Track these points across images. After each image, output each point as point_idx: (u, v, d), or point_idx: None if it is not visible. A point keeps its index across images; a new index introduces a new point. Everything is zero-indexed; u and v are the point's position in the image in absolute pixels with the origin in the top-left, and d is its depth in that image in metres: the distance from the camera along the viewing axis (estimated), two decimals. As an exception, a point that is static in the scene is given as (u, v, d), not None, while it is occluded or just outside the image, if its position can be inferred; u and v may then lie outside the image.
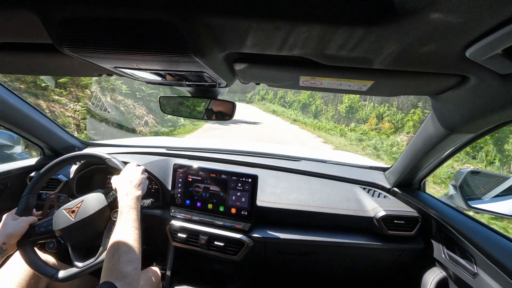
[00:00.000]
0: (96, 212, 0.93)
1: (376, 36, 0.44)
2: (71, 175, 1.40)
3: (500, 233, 0.96)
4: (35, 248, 0.94)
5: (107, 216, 0.96)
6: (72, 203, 0.96)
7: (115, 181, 0.94)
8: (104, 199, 0.97)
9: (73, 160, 1.08)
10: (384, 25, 0.41)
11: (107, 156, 1.04)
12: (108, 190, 1.01)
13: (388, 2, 0.37)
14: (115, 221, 0.94)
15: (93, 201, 0.96)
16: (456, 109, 0.77)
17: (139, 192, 0.90)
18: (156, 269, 1.20)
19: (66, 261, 0.94)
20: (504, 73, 0.52)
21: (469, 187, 1.20)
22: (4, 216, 0.94)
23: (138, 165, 1.03)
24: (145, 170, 1.34)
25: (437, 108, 0.86)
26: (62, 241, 0.94)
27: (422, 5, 0.35)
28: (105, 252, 0.86)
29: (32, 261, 0.90)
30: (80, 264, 0.89)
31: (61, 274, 0.88)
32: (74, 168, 1.45)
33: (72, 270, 0.89)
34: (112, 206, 0.97)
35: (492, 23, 0.37)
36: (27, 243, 0.92)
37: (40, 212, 1.02)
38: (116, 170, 1.01)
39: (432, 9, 0.36)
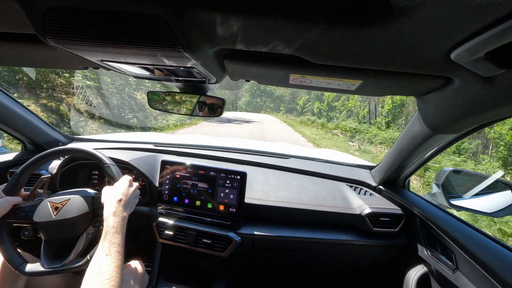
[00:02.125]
0: (79, 216, 0.90)
1: (365, 37, 0.45)
2: (55, 171, 1.36)
3: (478, 230, 1.00)
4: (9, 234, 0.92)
5: (88, 222, 0.93)
6: (58, 198, 0.93)
7: (105, 194, 0.90)
8: (91, 204, 0.94)
9: (72, 153, 1.06)
10: (373, 26, 0.41)
11: (108, 162, 1.00)
12: (97, 194, 0.97)
13: (377, 4, 0.37)
14: (95, 230, 0.93)
15: (79, 203, 0.93)
16: (440, 110, 0.79)
17: (125, 213, 0.86)
18: (138, 262, 1.18)
19: (38, 255, 0.91)
20: (486, 75, 0.54)
21: (451, 186, 1.24)
22: None
23: (133, 180, 1.00)
24: (133, 170, 1.32)
25: (422, 109, 0.88)
26: (38, 232, 0.92)
27: (411, 8, 0.36)
28: (76, 262, 0.87)
29: (4, 245, 0.88)
30: (46, 264, 0.87)
31: (27, 268, 0.86)
32: (56, 163, 1.41)
33: (38, 268, 0.86)
34: (96, 213, 0.94)
35: (476, 26, 0.39)
36: (3, 224, 0.91)
37: (28, 193, 1.01)
38: (111, 178, 0.98)
39: (420, 12, 0.37)
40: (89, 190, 1.00)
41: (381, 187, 1.43)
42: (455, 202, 1.16)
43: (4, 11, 0.50)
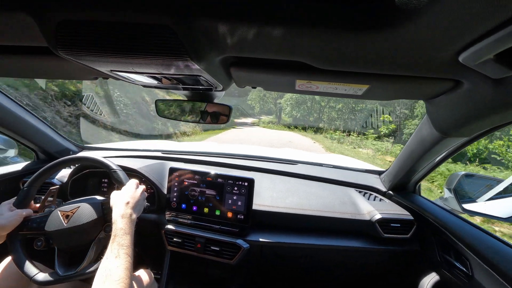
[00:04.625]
0: (89, 222, 0.92)
1: (371, 42, 0.45)
2: (65, 179, 1.38)
3: (494, 236, 0.97)
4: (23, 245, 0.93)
5: (99, 227, 0.94)
6: (68, 207, 0.95)
7: (114, 198, 0.92)
8: (101, 210, 0.96)
9: (79, 162, 1.09)
10: (379, 31, 0.41)
11: (115, 167, 1.02)
12: (106, 199, 0.99)
13: (384, 8, 0.38)
14: (106, 235, 0.93)
15: (88, 209, 0.95)
16: (449, 113, 0.78)
17: (134, 215, 0.88)
18: (147, 272, 1.18)
19: (51, 266, 0.92)
20: (496, 77, 0.53)
21: (464, 190, 1.21)
22: (0, 205, 0.94)
23: (140, 183, 1.01)
24: (142, 177, 1.34)
25: (431, 112, 0.87)
26: (51, 242, 0.94)
27: (417, 11, 0.36)
28: (89, 267, 0.87)
29: (18, 257, 0.90)
30: (61, 272, 0.88)
31: (41, 277, 0.87)
32: (67, 171, 1.43)
33: (52, 276, 0.88)
34: (106, 218, 0.95)
35: (484, 29, 0.38)
36: (17, 236, 0.92)
37: (38, 205, 1.03)
38: (118, 183, 1.00)
39: (427, 16, 0.37)
40: (98, 197, 1.02)
41: (391, 192, 1.41)
42: (468, 206, 1.13)
43: (17, 25, 0.52)
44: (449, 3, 0.34)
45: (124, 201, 0.89)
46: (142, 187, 1.00)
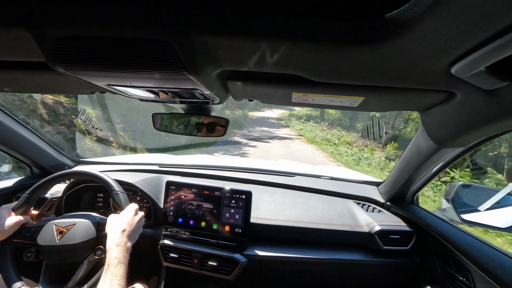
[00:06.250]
0: (82, 242, 0.90)
1: (365, 55, 0.46)
2: (59, 194, 1.36)
3: (495, 247, 0.96)
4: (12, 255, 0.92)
5: (89, 249, 0.92)
6: (64, 222, 0.94)
7: (110, 223, 0.90)
8: (95, 231, 0.94)
9: (85, 176, 1.09)
10: (373, 44, 0.42)
11: (117, 190, 1.01)
12: (102, 220, 0.97)
13: (376, 22, 0.38)
14: (96, 258, 0.91)
15: (83, 229, 0.93)
16: (444, 124, 0.79)
17: (129, 244, 0.86)
18: (142, 286, 1.15)
19: (36, 279, 0.90)
20: (488, 89, 0.54)
21: (462, 200, 1.21)
22: (0, 209, 0.94)
23: (138, 201, 1.00)
24: (138, 191, 1.32)
25: (426, 123, 0.88)
26: (40, 255, 0.92)
27: (409, 25, 0.37)
28: (73, 287, 0.86)
29: (5, 264, 0.89)
30: None
31: None
32: (60, 186, 1.41)
33: None
34: (99, 240, 0.94)
35: (476, 41, 0.39)
36: (9, 243, 0.92)
37: (36, 213, 1.02)
38: (118, 206, 0.98)
39: (418, 29, 0.38)
40: (94, 214, 1.00)
41: (389, 203, 1.40)
42: (466, 217, 1.13)
43: (15, 40, 0.52)
44: (440, 17, 0.35)
45: (121, 228, 0.87)
46: (141, 214, 0.98)
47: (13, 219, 0.92)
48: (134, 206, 0.97)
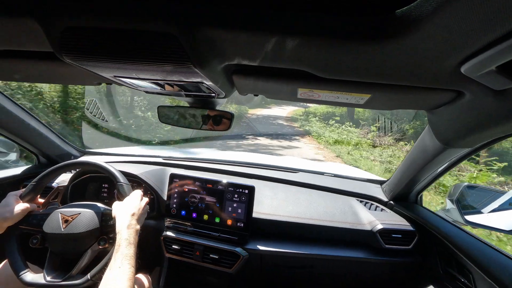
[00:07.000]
0: (86, 231, 0.92)
1: (374, 52, 0.45)
2: (65, 183, 1.38)
3: (497, 249, 0.95)
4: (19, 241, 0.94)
5: (93, 239, 0.94)
6: (69, 211, 0.95)
7: (116, 209, 0.92)
8: (100, 220, 0.95)
9: (90, 167, 1.11)
10: (381, 41, 0.41)
11: (122, 181, 1.03)
12: (107, 210, 0.99)
13: (385, 19, 0.38)
14: (100, 248, 0.94)
15: (88, 218, 0.94)
16: (451, 124, 0.78)
17: (138, 226, 0.88)
18: (145, 276, 1.17)
19: (42, 265, 0.93)
20: (498, 89, 0.53)
21: (466, 201, 1.20)
22: (8, 196, 0.95)
23: (144, 195, 1.02)
24: (142, 183, 1.33)
25: (433, 122, 0.87)
26: (46, 242, 0.94)
27: (418, 23, 0.36)
28: (76, 279, 0.88)
29: (11, 251, 0.91)
30: (48, 277, 0.88)
31: (28, 277, 0.87)
32: (66, 176, 1.43)
33: (39, 280, 0.87)
34: (103, 230, 0.95)
35: (486, 41, 0.38)
36: (16, 230, 0.94)
37: (43, 200, 1.05)
38: (122, 196, 1.00)
39: (428, 27, 0.37)
40: (99, 204, 1.02)
41: (392, 202, 1.40)
42: (470, 218, 1.12)
43: (23, 30, 0.52)
44: (450, 15, 0.34)
45: (130, 212, 0.89)
46: (146, 199, 1.01)
47: (20, 206, 0.94)
48: (138, 192, 1.00)
